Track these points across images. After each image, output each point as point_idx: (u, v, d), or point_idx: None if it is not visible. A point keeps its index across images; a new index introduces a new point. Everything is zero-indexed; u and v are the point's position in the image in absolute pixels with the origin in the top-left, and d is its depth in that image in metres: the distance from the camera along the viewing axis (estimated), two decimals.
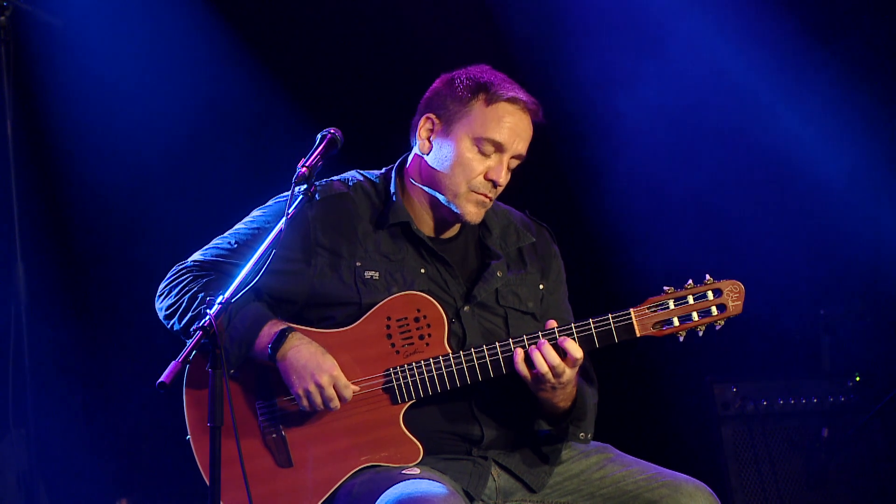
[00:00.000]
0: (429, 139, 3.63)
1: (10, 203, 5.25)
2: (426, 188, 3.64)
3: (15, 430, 5.29)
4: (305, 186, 3.36)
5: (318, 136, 3.45)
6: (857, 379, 5.55)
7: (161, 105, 5.66)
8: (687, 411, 5.68)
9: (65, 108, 5.62)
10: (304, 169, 3.36)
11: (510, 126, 3.55)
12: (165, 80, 5.67)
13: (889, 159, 5.71)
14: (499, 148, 3.56)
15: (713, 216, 5.83)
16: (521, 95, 3.57)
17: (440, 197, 3.61)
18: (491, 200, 3.61)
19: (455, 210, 3.60)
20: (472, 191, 3.58)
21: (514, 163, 3.60)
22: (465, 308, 3.61)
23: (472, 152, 3.56)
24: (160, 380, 3.02)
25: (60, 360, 5.60)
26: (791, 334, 5.82)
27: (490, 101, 3.55)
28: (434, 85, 3.66)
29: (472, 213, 3.60)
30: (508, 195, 3.80)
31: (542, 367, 3.44)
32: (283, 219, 3.32)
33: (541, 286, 3.73)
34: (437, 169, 3.61)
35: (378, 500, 3.36)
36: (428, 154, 3.63)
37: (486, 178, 3.57)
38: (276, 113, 5.74)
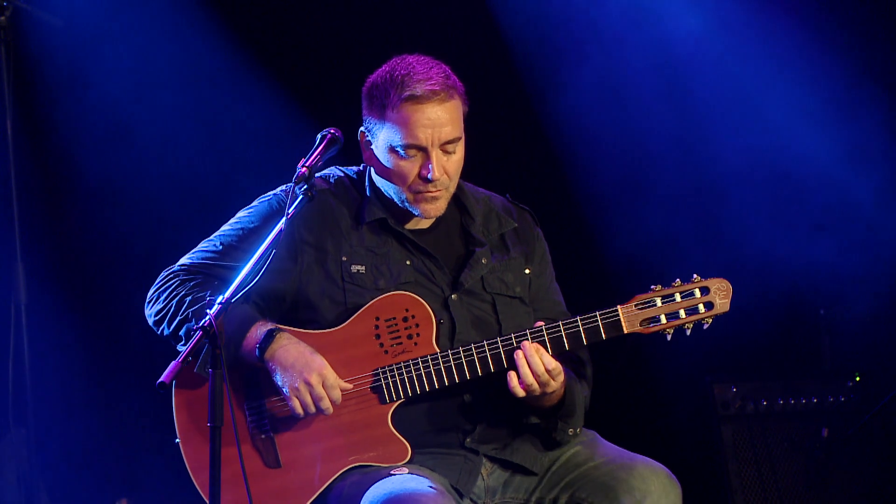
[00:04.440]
0: (368, 150, 3.65)
1: (10, 203, 5.26)
2: (385, 190, 3.66)
3: (15, 429, 5.29)
4: (306, 187, 3.37)
5: (318, 136, 3.47)
6: (857, 379, 5.55)
7: (161, 105, 5.66)
8: (687, 411, 5.68)
9: (65, 108, 5.62)
10: (304, 169, 3.38)
11: (420, 124, 3.52)
12: (165, 79, 5.67)
13: (890, 158, 5.71)
14: (419, 148, 3.55)
15: (712, 215, 5.83)
16: (418, 89, 3.51)
17: (396, 200, 3.63)
18: (442, 191, 3.59)
19: (413, 211, 3.62)
20: (416, 192, 3.58)
21: (451, 147, 3.57)
22: (453, 296, 3.62)
23: (399, 160, 3.56)
24: (160, 380, 3.03)
25: (60, 359, 5.60)
26: (791, 334, 5.81)
27: (393, 106, 3.53)
28: (361, 93, 3.66)
29: (429, 209, 3.61)
30: (504, 188, 3.81)
31: (533, 384, 3.47)
32: (283, 218, 3.33)
33: (527, 270, 3.74)
34: (381, 178, 3.63)
35: (364, 497, 3.37)
36: (372, 165, 3.66)
37: (419, 177, 3.56)
38: (275, 113, 5.74)
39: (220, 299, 3.18)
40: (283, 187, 3.70)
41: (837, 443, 5.41)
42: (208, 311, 3.16)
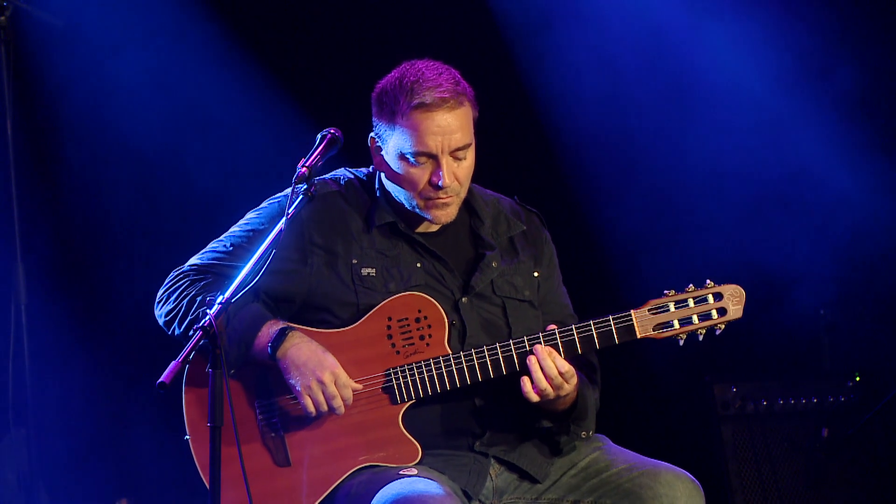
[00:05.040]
0: (378, 156, 3.65)
1: (10, 203, 5.25)
2: (395, 195, 3.66)
3: (15, 429, 5.29)
4: (305, 186, 3.37)
5: (318, 136, 3.47)
6: (857, 379, 5.55)
7: (161, 105, 5.66)
8: (687, 411, 5.68)
9: (65, 108, 5.62)
10: (304, 169, 3.38)
11: (429, 131, 3.52)
12: (165, 79, 5.67)
13: (889, 156, 5.71)
14: (429, 155, 3.55)
15: (713, 216, 5.83)
16: (427, 96, 3.52)
17: (406, 205, 3.63)
18: (453, 198, 3.59)
19: (423, 216, 3.63)
20: (427, 199, 3.59)
21: (461, 153, 3.57)
22: (464, 300, 3.62)
23: (409, 167, 3.56)
24: (160, 380, 3.03)
25: (60, 359, 5.60)
26: (791, 334, 5.81)
27: (403, 114, 3.53)
28: (371, 99, 3.66)
29: (439, 215, 3.61)
30: (504, 190, 3.81)
31: (546, 389, 3.47)
32: (283, 218, 3.34)
33: (535, 273, 3.74)
34: (392, 183, 3.63)
35: (374, 499, 3.37)
36: (382, 170, 3.66)
37: (430, 184, 3.57)
38: (276, 113, 5.74)
39: (219, 299, 3.19)
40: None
41: (837, 443, 5.41)
42: (208, 311, 3.16)
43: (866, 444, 5.45)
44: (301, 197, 3.37)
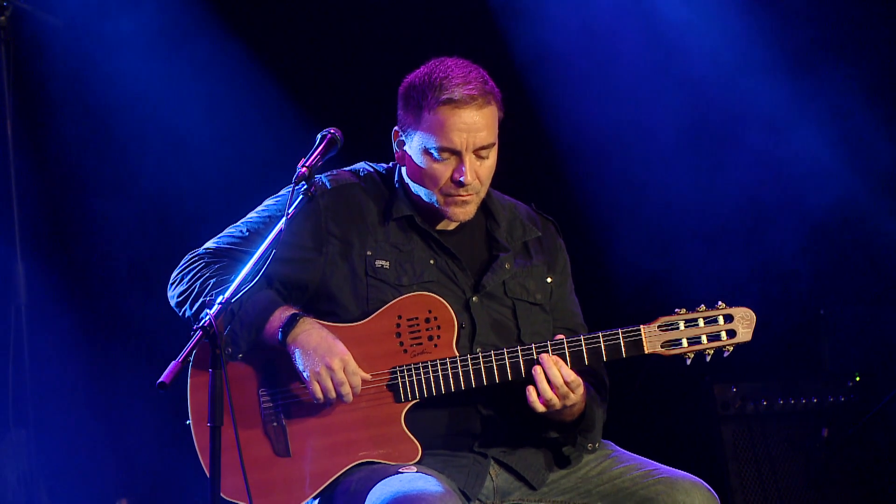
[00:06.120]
0: (401, 150, 3.66)
1: (10, 203, 5.26)
2: (415, 191, 3.67)
3: (15, 430, 5.29)
4: (305, 186, 3.38)
5: (318, 136, 3.47)
6: (857, 379, 5.55)
7: (161, 104, 5.66)
8: (687, 411, 5.68)
9: (65, 108, 5.63)
10: (303, 169, 3.39)
11: (455, 128, 3.53)
12: (165, 79, 5.68)
13: (889, 156, 5.72)
14: (453, 152, 3.56)
15: (714, 216, 5.83)
16: (456, 93, 3.53)
17: (425, 200, 3.64)
18: (473, 196, 3.61)
19: (442, 213, 3.64)
20: (447, 195, 3.59)
21: (484, 152, 3.59)
22: (474, 298, 3.63)
23: (433, 162, 3.57)
24: (160, 380, 3.03)
25: (60, 359, 5.60)
26: (791, 334, 5.82)
27: (430, 108, 3.54)
28: (398, 93, 3.67)
29: (458, 213, 3.62)
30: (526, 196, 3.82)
31: (552, 399, 3.48)
32: (283, 219, 3.34)
33: (548, 279, 3.75)
34: (413, 179, 3.64)
35: (371, 496, 3.37)
36: (404, 164, 3.66)
37: (452, 180, 3.58)
38: (276, 113, 5.74)
39: (219, 299, 3.19)
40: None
41: (837, 443, 5.41)
42: (208, 310, 3.17)
43: (866, 444, 5.45)
44: (301, 197, 3.38)
